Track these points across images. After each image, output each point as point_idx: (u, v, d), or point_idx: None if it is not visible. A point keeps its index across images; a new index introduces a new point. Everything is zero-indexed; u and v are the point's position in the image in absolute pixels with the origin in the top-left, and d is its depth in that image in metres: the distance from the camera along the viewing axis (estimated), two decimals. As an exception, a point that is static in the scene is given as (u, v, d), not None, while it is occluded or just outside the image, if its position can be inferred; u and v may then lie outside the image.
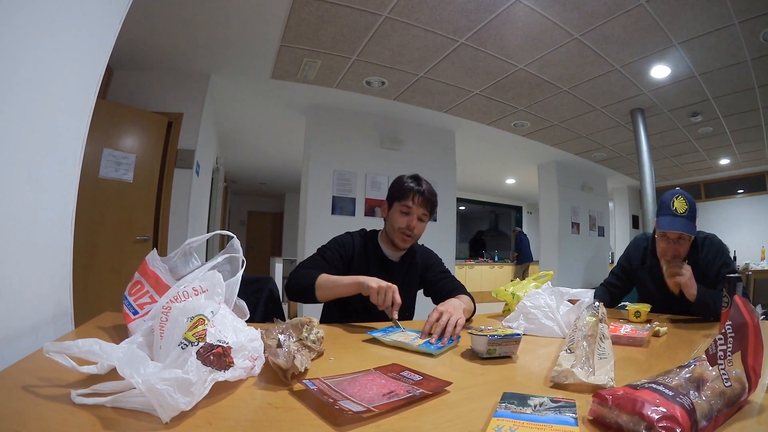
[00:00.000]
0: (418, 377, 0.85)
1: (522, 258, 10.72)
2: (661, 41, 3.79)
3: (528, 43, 3.88)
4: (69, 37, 1.26)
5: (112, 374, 0.72)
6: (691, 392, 0.67)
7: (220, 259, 1.09)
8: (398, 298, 1.39)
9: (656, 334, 1.40)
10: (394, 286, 1.40)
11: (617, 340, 1.24)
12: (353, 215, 5.53)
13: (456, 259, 7.12)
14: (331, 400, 0.68)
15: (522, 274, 10.08)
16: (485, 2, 3.30)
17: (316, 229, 5.24)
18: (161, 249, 3.86)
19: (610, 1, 3.27)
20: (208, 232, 1.67)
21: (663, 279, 1.89)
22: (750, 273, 6.35)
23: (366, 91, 4.95)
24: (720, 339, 0.75)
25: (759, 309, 0.86)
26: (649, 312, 1.74)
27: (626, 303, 1.88)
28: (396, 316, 1.38)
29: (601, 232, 9.22)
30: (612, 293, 2.16)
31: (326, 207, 5.39)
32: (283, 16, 3.44)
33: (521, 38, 3.80)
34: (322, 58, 4.16)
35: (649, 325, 1.46)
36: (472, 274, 10.35)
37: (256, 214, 13.01)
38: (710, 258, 1.88)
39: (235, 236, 1.20)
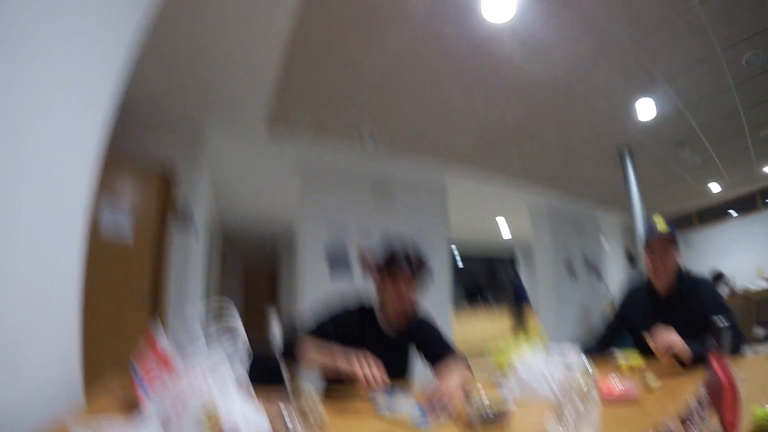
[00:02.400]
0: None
1: (518, 302, 10.55)
2: (645, 79, 3.95)
3: (515, 95, 4.09)
4: (70, 106, 1.35)
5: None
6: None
7: (219, 334, 1.13)
8: (383, 378, 1.44)
9: (648, 388, 1.43)
10: (376, 366, 1.45)
11: (608, 397, 1.28)
12: (349, 269, 5.60)
13: (453, 305, 7.07)
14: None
15: (520, 318, 9.94)
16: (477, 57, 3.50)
17: (313, 286, 5.31)
18: (160, 310, 3.85)
19: (595, 50, 3.47)
20: (205, 292, 1.69)
21: (654, 315, 1.94)
22: (750, 298, 6.28)
23: (357, 147, 5.04)
24: (696, 404, 0.81)
25: (761, 331, 0.90)
26: (642, 353, 1.76)
27: (619, 353, 1.90)
28: (381, 392, 1.44)
29: (597, 273, 9.22)
30: (604, 338, 2.21)
31: (322, 264, 5.48)
32: (274, 78, 3.59)
33: (510, 91, 4.02)
34: (313, 115, 4.35)
35: (640, 379, 1.48)
36: (470, 327, 9.96)
37: (252, 274, 12.82)
38: (703, 299, 1.91)
39: (233, 306, 1.24)
